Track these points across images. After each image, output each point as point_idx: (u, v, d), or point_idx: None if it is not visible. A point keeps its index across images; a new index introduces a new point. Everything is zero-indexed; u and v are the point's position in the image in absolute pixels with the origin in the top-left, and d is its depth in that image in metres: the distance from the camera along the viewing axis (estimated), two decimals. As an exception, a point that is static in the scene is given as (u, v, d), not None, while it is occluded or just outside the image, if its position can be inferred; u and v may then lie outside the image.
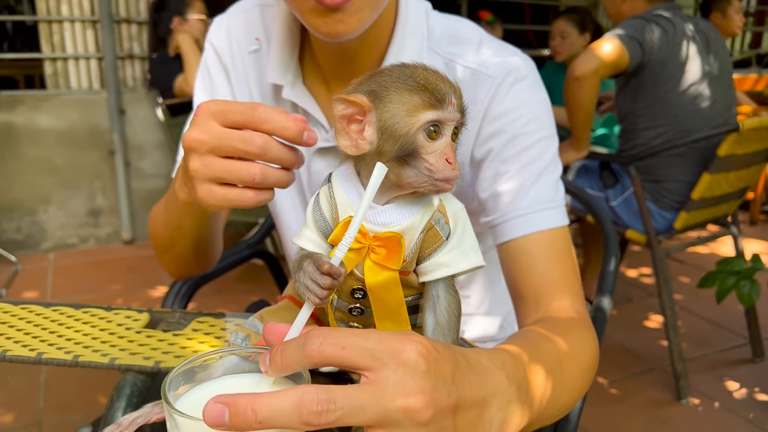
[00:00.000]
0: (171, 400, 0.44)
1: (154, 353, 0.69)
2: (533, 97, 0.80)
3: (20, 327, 0.74)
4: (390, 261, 0.54)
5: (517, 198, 0.78)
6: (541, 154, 0.79)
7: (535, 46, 4.77)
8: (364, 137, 0.52)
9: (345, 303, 0.56)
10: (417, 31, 0.83)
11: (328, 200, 0.56)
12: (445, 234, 0.55)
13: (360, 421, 0.40)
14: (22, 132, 3.24)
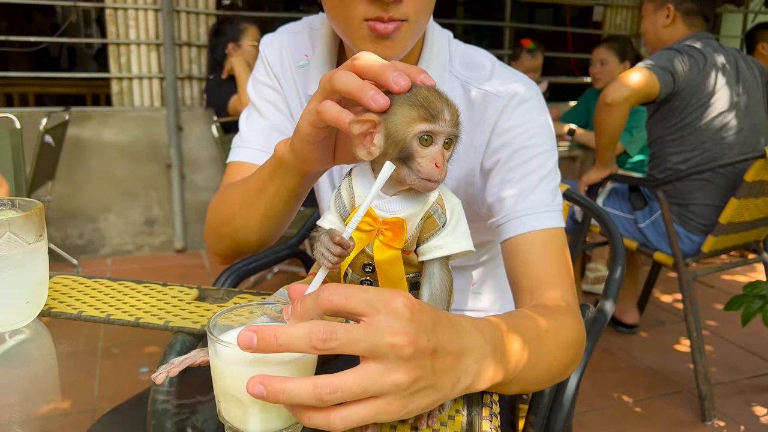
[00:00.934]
0: (214, 335, 0.57)
1: (200, 319, 0.83)
2: (535, 117, 0.91)
3: (93, 295, 0.89)
4: (394, 241, 0.65)
5: (518, 201, 0.88)
6: (541, 165, 0.89)
7: (577, 73, 4.84)
8: (375, 144, 0.64)
9: (357, 276, 0.68)
10: (440, 57, 0.95)
11: (347, 190, 0.68)
12: (441, 222, 0.67)
13: (354, 350, 0.51)
14: (89, 145, 3.51)
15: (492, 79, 0.93)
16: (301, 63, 1.04)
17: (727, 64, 2.28)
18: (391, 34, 0.81)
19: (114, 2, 3.48)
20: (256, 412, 0.55)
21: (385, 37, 0.81)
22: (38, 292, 0.79)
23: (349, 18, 0.82)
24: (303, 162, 0.76)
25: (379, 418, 0.53)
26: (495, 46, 5.61)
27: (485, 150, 0.92)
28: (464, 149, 0.93)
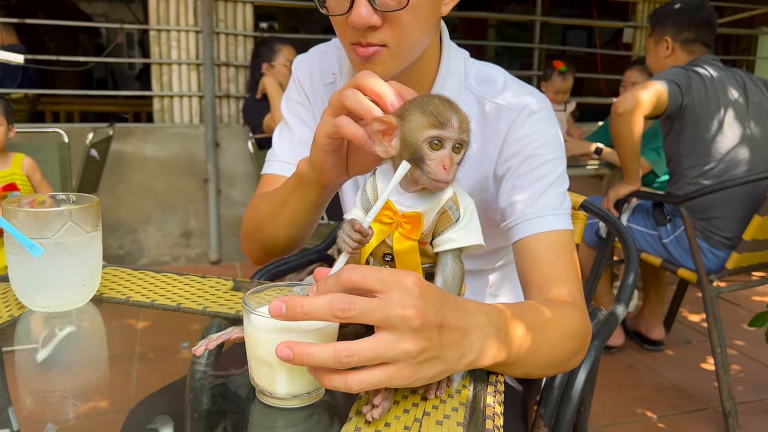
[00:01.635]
0: (249, 306, 0.65)
1: (236, 306, 0.91)
2: (544, 128, 0.97)
3: (138, 283, 0.98)
4: (412, 233, 0.73)
5: (528, 205, 0.94)
6: (549, 172, 0.96)
7: (606, 94, 4.88)
8: (392, 145, 0.72)
9: (378, 264, 0.75)
10: (456, 74, 1.02)
11: (372, 187, 0.76)
12: (455, 218, 0.74)
13: (369, 320, 0.59)
14: (130, 160, 3.67)
15: (504, 92, 1.00)
16: (329, 81, 1.12)
17: (735, 81, 2.33)
18: (370, 58, 0.89)
19: (158, 24, 3.66)
20: (284, 376, 0.63)
21: (366, 60, 0.89)
22: (93, 277, 0.88)
23: (342, 39, 0.92)
24: (320, 174, 0.87)
25: (391, 382, 0.60)
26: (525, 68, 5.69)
27: (497, 158, 0.98)
28: (478, 158, 0.99)
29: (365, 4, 0.84)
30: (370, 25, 0.85)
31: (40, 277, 0.82)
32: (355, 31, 0.87)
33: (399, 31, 0.87)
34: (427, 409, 0.66)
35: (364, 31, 0.86)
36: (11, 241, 0.81)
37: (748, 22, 6.38)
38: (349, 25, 0.87)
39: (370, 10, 0.84)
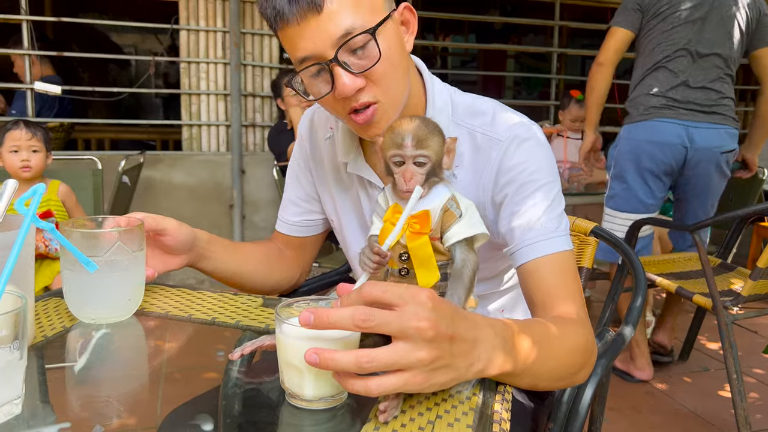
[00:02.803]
0: (281, 317, 0.73)
1: (265, 320, 0.99)
2: (535, 154, 1.02)
3: (176, 299, 1.07)
4: (423, 228, 0.81)
5: (527, 231, 0.99)
6: (545, 196, 1.00)
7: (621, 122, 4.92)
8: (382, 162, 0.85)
9: (395, 269, 0.82)
10: (444, 110, 1.07)
11: (383, 199, 0.87)
12: (458, 214, 0.83)
13: (387, 330, 0.66)
14: (159, 186, 3.80)
15: (494, 123, 1.05)
16: (327, 136, 1.20)
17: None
18: (370, 119, 0.95)
19: (188, 57, 3.82)
20: (311, 379, 0.71)
21: (367, 123, 0.96)
22: (137, 292, 0.97)
23: (338, 114, 0.99)
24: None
25: (407, 388, 0.67)
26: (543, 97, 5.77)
27: (493, 187, 1.04)
28: (474, 187, 1.05)
29: (344, 73, 0.90)
30: (358, 88, 0.92)
31: (92, 292, 0.91)
32: (347, 101, 0.93)
33: (382, 83, 0.94)
34: (440, 413, 0.73)
35: (354, 96, 0.93)
36: (67, 257, 0.90)
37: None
38: (339, 99, 0.93)
39: (351, 76, 0.91)
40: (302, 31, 0.89)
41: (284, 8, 0.88)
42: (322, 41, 0.89)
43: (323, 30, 0.88)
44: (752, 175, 3.33)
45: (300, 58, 0.92)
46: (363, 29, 0.89)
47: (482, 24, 5.88)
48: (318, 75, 0.93)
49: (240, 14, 3.81)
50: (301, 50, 0.91)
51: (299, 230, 1.33)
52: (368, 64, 0.91)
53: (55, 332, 0.92)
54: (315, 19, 0.88)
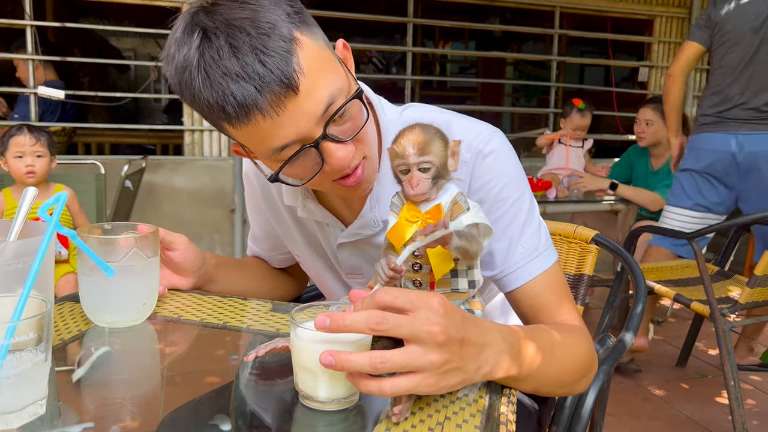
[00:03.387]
0: (296, 321, 0.75)
1: (275, 324, 1.01)
2: (500, 167, 0.97)
3: (187, 304, 1.09)
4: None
5: (509, 254, 0.97)
6: (518, 212, 0.98)
7: (622, 131, 4.98)
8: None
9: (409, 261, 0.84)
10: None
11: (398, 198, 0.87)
12: (466, 207, 0.84)
13: (400, 333, 0.68)
14: (161, 190, 3.83)
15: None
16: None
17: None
18: (361, 179, 0.90)
19: (191, 62, 3.84)
20: (325, 382, 0.73)
21: (357, 184, 0.91)
22: (151, 297, 0.99)
23: (322, 186, 0.93)
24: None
25: (418, 389, 0.69)
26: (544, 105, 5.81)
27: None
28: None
29: (337, 147, 0.84)
30: (352, 155, 0.87)
31: (108, 296, 0.93)
32: (336, 172, 0.87)
33: (366, 138, 0.91)
34: (448, 415, 0.75)
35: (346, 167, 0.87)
36: (84, 263, 0.92)
37: None
38: (327, 173, 0.87)
39: (344, 147, 0.85)
40: (280, 120, 0.78)
41: (255, 100, 0.75)
42: (306, 122, 0.80)
43: (304, 111, 0.79)
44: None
45: (278, 147, 0.81)
46: (340, 93, 0.82)
47: (482, 31, 5.93)
48: (297, 158, 0.84)
49: (243, 21, 3.84)
50: (279, 139, 0.80)
51: (277, 263, 1.34)
52: (356, 126, 0.86)
53: (72, 335, 0.95)
54: (293, 102, 0.77)
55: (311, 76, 0.78)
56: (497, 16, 6.21)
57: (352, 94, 0.84)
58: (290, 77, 0.76)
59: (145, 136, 6.40)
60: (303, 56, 0.77)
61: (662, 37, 4.80)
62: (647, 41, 4.88)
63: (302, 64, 0.77)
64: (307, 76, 0.77)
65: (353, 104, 0.84)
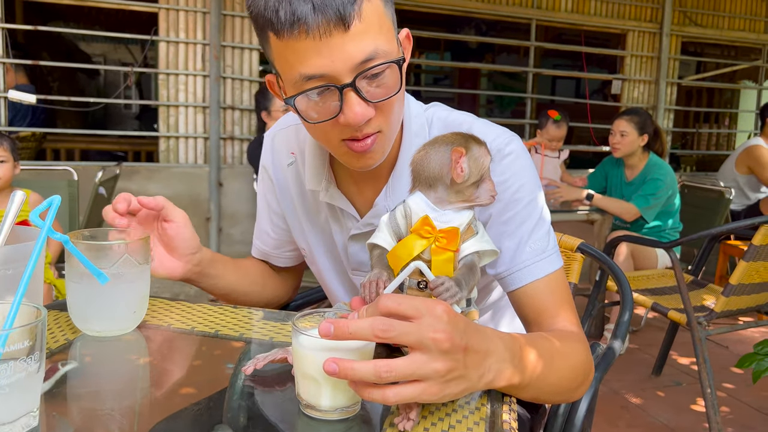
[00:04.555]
0: (298, 328, 0.74)
1: (269, 332, 1.00)
2: (517, 168, 1.00)
3: (177, 312, 1.07)
4: (450, 245, 0.80)
5: (517, 253, 0.98)
6: (530, 214, 0.99)
7: (596, 143, 5.05)
8: (463, 169, 0.82)
9: (414, 280, 0.83)
10: (420, 135, 1.03)
11: (402, 213, 0.84)
12: (476, 230, 0.84)
13: (405, 341, 0.67)
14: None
15: None
16: (290, 162, 1.14)
17: None
18: (369, 149, 0.90)
19: (167, 68, 3.80)
20: (328, 390, 0.72)
21: (364, 152, 0.90)
22: (142, 304, 0.97)
23: (327, 141, 0.92)
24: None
25: (422, 397, 0.68)
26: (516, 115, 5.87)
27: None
28: None
29: (358, 101, 0.84)
30: (367, 119, 0.86)
31: (97, 304, 0.91)
32: (347, 129, 0.87)
33: (389, 114, 0.90)
34: (452, 423, 0.74)
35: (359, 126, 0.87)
36: (73, 270, 0.89)
37: (730, 76, 6.65)
38: (339, 126, 0.87)
39: (364, 105, 0.84)
40: (321, 46, 0.80)
41: (307, 16, 0.78)
42: (342, 62, 0.81)
43: (346, 50, 0.81)
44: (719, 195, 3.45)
45: (307, 74, 0.82)
46: (385, 56, 0.84)
47: (457, 42, 5.98)
48: (319, 97, 0.85)
49: (221, 27, 3.81)
50: (311, 67, 0.82)
51: (280, 261, 1.31)
52: (384, 94, 0.86)
53: (59, 345, 0.91)
54: (339, 36, 0.80)
55: (365, 25, 0.81)
56: (473, 27, 6.28)
57: (394, 61, 0.85)
58: (347, 14, 0.79)
59: (116, 143, 6.29)
60: (367, 6, 0.81)
61: (634, 50, 4.90)
62: (620, 55, 4.97)
63: (363, 11, 0.80)
64: (362, 23, 0.81)
65: (390, 74, 0.86)
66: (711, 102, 7.60)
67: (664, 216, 3.46)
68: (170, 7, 3.74)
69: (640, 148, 3.51)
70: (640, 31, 4.89)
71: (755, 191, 4.19)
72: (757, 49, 5.52)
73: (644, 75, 4.95)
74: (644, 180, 3.44)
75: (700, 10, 5.06)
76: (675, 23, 4.94)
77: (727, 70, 5.98)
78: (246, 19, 3.91)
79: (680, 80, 5.29)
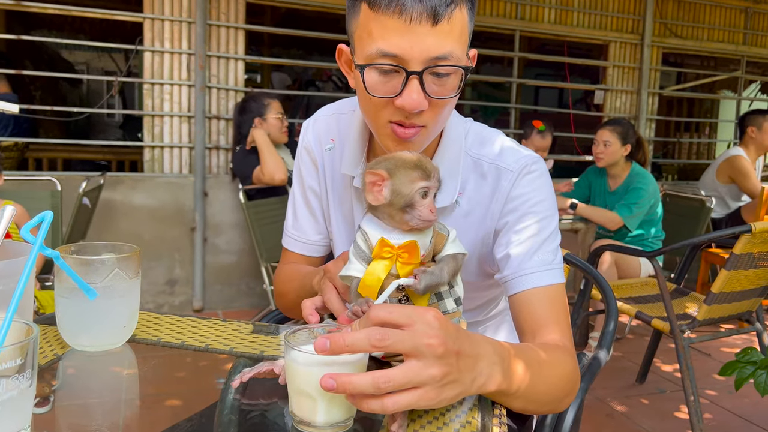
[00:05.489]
0: (291, 344, 0.74)
1: (258, 346, 1.00)
2: (539, 186, 1.06)
3: (166, 326, 1.07)
4: (412, 258, 0.84)
5: (524, 260, 1.02)
6: (543, 228, 1.04)
7: (579, 152, 5.11)
8: (383, 195, 0.85)
9: (395, 299, 0.85)
10: (456, 141, 1.09)
11: (363, 239, 0.87)
12: (446, 233, 0.87)
13: (401, 348, 0.68)
14: (119, 208, 3.73)
15: (502, 154, 1.08)
16: (328, 147, 1.19)
17: None
18: (410, 138, 0.95)
19: (152, 78, 3.78)
20: (323, 406, 0.72)
21: (405, 140, 0.95)
22: (132, 319, 0.96)
23: (376, 117, 0.97)
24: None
25: (420, 404, 0.69)
26: (501, 125, 5.91)
27: (499, 216, 1.07)
28: (482, 216, 1.08)
29: (418, 90, 0.90)
30: (420, 109, 0.91)
31: (88, 319, 0.90)
32: (399, 112, 0.93)
33: (439, 112, 0.96)
34: (445, 437, 0.75)
35: (410, 114, 0.92)
36: (63, 285, 0.89)
37: (710, 87, 6.77)
38: (392, 107, 0.93)
39: (422, 96, 0.90)
40: (407, 31, 0.87)
41: (406, 0, 0.86)
42: (419, 51, 0.88)
43: (426, 42, 0.88)
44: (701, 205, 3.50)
45: (383, 51, 0.89)
46: (456, 60, 0.91)
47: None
48: (386, 74, 0.91)
49: (206, 37, 3.81)
50: (391, 45, 0.88)
51: (321, 249, 1.28)
52: (442, 93, 0.92)
53: (48, 360, 0.91)
54: (426, 28, 0.87)
55: (451, 27, 0.89)
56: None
57: (462, 67, 0.92)
58: (440, 11, 0.87)
59: (99, 152, 6.24)
60: (458, 14, 0.90)
61: (616, 61, 4.96)
62: (602, 65, 5.04)
63: (454, 15, 0.89)
64: (449, 24, 0.88)
65: (454, 78, 0.93)
66: (691, 112, 7.72)
67: (647, 225, 3.50)
68: (155, 17, 3.73)
69: (622, 157, 3.56)
70: (622, 42, 4.96)
71: (736, 200, 4.25)
72: (735, 60, 5.62)
73: (626, 85, 5.01)
74: (627, 189, 3.49)
75: (681, 21, 5.15)
76: (656, 35, 5.02)
77: (707, 81, 6.09)
78: (231, 29, 3.91)
79: (661, 90, 5.36)
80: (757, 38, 5.46)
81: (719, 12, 5.30)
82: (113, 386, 0.91)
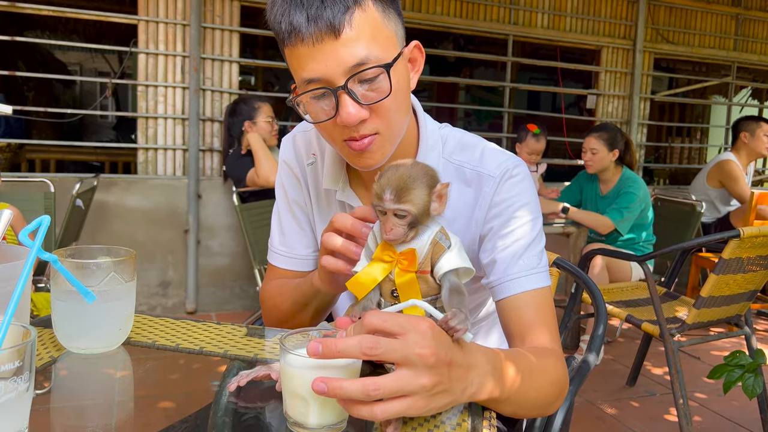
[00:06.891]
0: (286, 347, 0.75)
1: (252, 349, 1.01)
2: (523, 189, 1.07)
3: (161, 329, 1.08)
4: (410, 266, 0.84)
5: (510, 265, 1.03)
6: (527, 232, 1.05)
7: (571, 156, 5.14)
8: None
9: (389, 303, 0.86)
10: (435, 148, 1.10)
11: (373, 240, 0.88)
12: (446, 245, 0.86)
13: (392, 357, 0.69)
14: (113, 210, 3.73)
15: (483, 159, 1.09)
16: (310, 162, 1.20)
17: None
18: (367, 148, 0.96)
19: (146, 80, 3.79)
20: (316, 408, 0.73)
21: (363, 151, 0.97)
22: (127, 322, 0.98)
23: (332, 140, 1.00)
24: (331, 286, 1.02)
25: (409, 412, 0.71)
26: (495, 129, 5.95)
27: (483, 222, 1.08)
28: (467, 223, 1.09)
29: (351, 102, 0.91)
30: (361, 119, 0.92)
31: (84, 322, 0.91)
32: (346, 129, 0.94)
33: (386, 116, 0.96)
34: (435, 439, 0.77)
35: (355, 126, 0.93)
36: (60, 288, 0.90)
37: (701, 92, 6.82)
38: (338, 126, 0.94)
39: (357, 107, 0.91)
40: (315, 52, 0.89)
41: (301, 26, 0.88)
42: (334, 66, 0.89)
43: (337, 56, 0.89)
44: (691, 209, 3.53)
45: (306, 78, 0.91)
46: (377, 62, 0.90)
47: (435, 56, 6.05)
48: (321, 98, 0.93)
49: (200, 39, 3.82)
50: (309, 71, 0.91)
51: (310, 263, 1.26)
52: (377, 97, 0.93)
53: (43, 363, 0.92)
54: (331, 43, 0.88)
55: (357, 33, 0.89)
56: (451, 42, 6.36)
57: (383, 66, 0.91)
58: (337, 22, 0.87)
59: (93, 153, 6.23)
60: (360, 16, 0.89)
61: (609, 66, 5.00)
62: (595, 70, 5.07)
63: (354, 21, 0.88)
64: (353, 30, 0.88)
65: (383, 78, 0.92)
66: (683, 117, 7.77)
67: (637, 229, 3.53)
68: (150, 19, 3.74)
69: (612, 163, 3.58)
70: (615, 47, 5.00)
71: (726, 204, 4.29)
72: (726, 66, 5.67)
73: (618, 90, 5.05)
74: (618, 194, 3.51)
75: (672, 27, 5.19)
76: (648, 40, 5.06)
77: (698, 86, 6.14)
78: (225, 32, 3.92)
79: (653, 95, 5.41)
80: (747, 44, 5.51)
81: (710, 18, 5.35)
82: (108, 388, 0.92)
